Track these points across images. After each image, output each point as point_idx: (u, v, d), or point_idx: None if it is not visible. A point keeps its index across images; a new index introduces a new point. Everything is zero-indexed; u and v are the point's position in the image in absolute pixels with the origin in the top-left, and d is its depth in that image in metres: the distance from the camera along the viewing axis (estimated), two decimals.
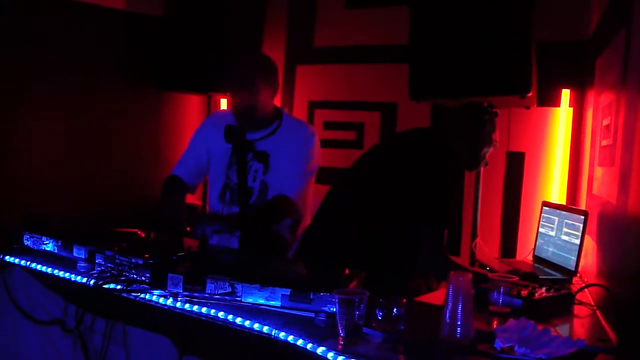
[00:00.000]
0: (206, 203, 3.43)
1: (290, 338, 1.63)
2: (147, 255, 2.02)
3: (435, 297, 2.09)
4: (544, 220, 2.91)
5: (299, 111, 4.11)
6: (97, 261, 2.13)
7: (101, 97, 3.49)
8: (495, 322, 1.81)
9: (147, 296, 1.92)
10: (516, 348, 1.54)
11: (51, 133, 3.26)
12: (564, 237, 2.68)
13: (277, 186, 2.68)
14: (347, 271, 1.97)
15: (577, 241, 2.55)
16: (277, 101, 4.10)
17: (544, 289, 2.05)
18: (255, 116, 2.67)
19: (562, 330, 1.85)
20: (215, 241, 2.70)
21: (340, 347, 1.57)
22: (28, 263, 2.26)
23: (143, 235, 2.45)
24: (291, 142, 2.70)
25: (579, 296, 2.16)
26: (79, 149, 3.40)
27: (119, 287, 1.97)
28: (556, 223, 2.77)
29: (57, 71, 3.25)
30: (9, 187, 3.02)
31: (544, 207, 2.94)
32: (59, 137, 3.30)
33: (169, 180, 2.86)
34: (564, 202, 3.20)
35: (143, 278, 1.98)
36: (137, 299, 1.92)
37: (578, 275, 2.55)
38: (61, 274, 2.15)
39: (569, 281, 2.49)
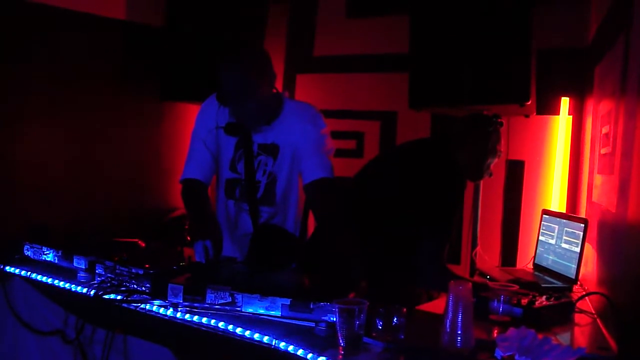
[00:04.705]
0: None
1: (291, 348, 1.63)
2: (147, 266, 2.02)
3: (435, 306, 2.08)
4: (544, 228, 2.91)
5: None
6: (97, 271, 2.13)
7: (103, 107, 3.50)
8: (496, 331, 1.80)
9: (148, 306, 1.92)
10: (517, 357, 1.54)
11: (53, 143, 3.27)
12: (564, 245, 2.68)
13: (285, 175, 2.47)
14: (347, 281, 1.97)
15: (577, 249, 2.55)
16: None
17: (544, 297, 2.05)
18: (260, 116, 2.42)
19: (563, 338, 1.85)
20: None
21: (340, 357, 1.57)
22: (28, 273, 2.27)
23: (144, 245, 2.45)
24: (299, 125, 2.43)
25: (579, 304, 2.15)
26: (80, 159, 3.41)
27: (119, 297, 1.97)
28: (556, 231, 2.77)
29: (58, 81, 3.26)
30: (10, 197, 3.02)
31: (544, 215, 2.94)
32: (61, 147, 3.31)
33: (187, 190, 2.51)
34: (563, 210, 3.20)
35: (143, 288, 1.98)
36: (138, 309, 1.92)
37: (578, 283, 2.55)
38: (61, 284, 2.15)
39: (570, 289, 2.49)
